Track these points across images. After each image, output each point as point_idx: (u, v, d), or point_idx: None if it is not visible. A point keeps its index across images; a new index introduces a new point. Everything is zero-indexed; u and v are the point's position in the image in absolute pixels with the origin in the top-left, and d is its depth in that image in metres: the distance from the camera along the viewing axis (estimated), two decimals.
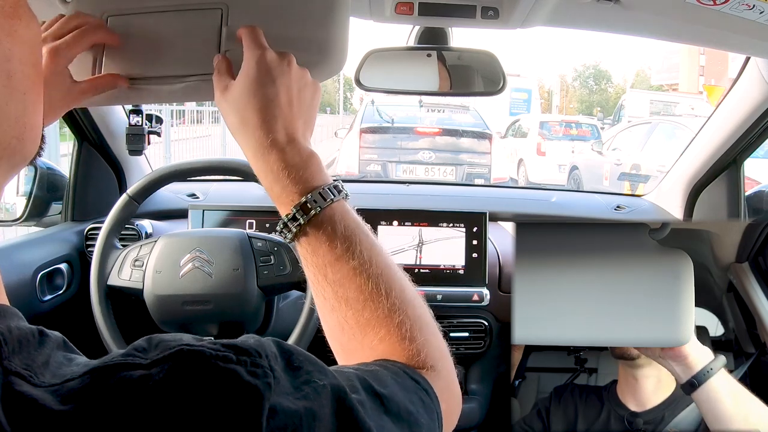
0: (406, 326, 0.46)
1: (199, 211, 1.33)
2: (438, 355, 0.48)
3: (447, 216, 1.33)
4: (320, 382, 0.34)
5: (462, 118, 6.76)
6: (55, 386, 0.29)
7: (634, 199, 1.74)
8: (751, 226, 1.03)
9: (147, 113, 1.34)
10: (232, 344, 0.32)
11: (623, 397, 1.04)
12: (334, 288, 0.47)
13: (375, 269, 0.48)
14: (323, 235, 0.48)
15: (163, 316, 1.04)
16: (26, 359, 0.29)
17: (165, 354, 0.30)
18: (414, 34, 1.10)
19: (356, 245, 0.48)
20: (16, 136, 0.35)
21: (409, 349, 0.46)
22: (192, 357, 0.30)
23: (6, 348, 0.29)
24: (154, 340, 0.32)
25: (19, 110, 0.35)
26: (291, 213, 0.48)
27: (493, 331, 1.34)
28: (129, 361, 0.30)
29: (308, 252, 0.49)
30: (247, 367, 0.31)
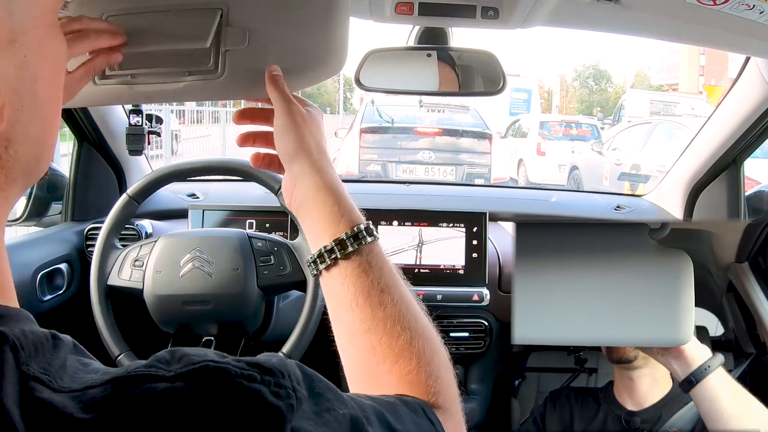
0: (435, 363, 0.48)
1: (199, 211, 1.33)
2: (453, 398, 0.49)
3: (447, 216, 1.33)
4: (340, 411, 0.35)
5: (462, 118, 6.76)
6: (76, 392, 0.28)
7: (634, 199, 1.74)
8: (751, 226, 1.03)
9: (147, 113, 1.34)
10: (256, 363, 0.32)
11: (620, 397, 1.05)
12: (375, 311, 0.49)
13: (413, 302, 0.51)
14: (374, 260, 0.51)
15: (163, 316, 1.04)
16: (43, 363, 0.29)
17: (189, 369, 0.30)
18: (414, 34, 1.10)
19: (398, 277, 0.52)
20: (35, 156, 0.35)
21: (433, 386, 0.47)
22: (217, 374, 0.30)
23: (23, 353, 0.28)
24: (177, 353, 0.32)
25: (40, 131, 0.35)
26: (347, 234, 0.51)
27: (493, 331, 1.34)
28: (152, 373, 0.30)
29: (354, 273, 0.50)
30: (270, 387, 0.31)
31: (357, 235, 0.51)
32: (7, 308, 0.31)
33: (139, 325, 1.11)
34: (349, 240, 0.51)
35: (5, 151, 0.34)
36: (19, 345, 0.28)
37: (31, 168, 0.36)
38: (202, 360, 0.31)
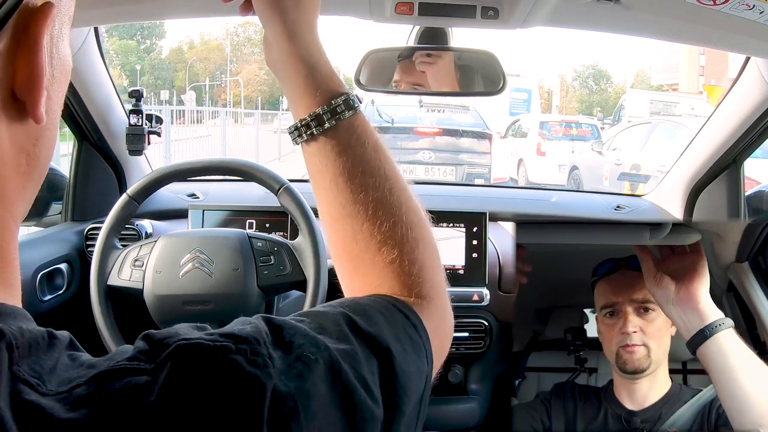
0: (420, 251, 0.46)
1: (199, 211, 1.33)
2: (438, 287, 0.47)
3: (447, 216, 1.33)
4: (312, 357, 0.34)
5: (462, 118, 6.76)
6: (63, 394, 0.28)
7: (634, 199, 1.74)
8: (751, 226, 1.03)
9: (147, 113, 1.34)
10: (230, 333, 0.32)
11: (620, 397, 1.04)
12: (354, 195, 0.45)
13: (396, 186, 0.47)
14: (355, 137, 0.46)
15: (163, 316, 1.04)
16: (34, 364, 0.29)
17: (165, 353, 0.30)
18: (414, 34, 1.10)
19: (384, 156, 0.47)
20: (49, 156, 0.36)
21: (416, 276, 0.45)
22: (191, 351, 0.30)
23: (16, 352, 0.29)
24: (153, 338, 0.32)
25: (56, 127, 0.36)
26: (331, 105, 0.46)
27: (493, 331, 1.34)
28: (134, 366, 0.30)
29: (334, 152, 0.46)
30: (247, 356, 0.31)
31: (335, 109, 0.46)
32: (6, 305, 0.31)
33: (139, 325, 1.10)
34: (326, 115, 0.46)
35: (33, 149, 0.34)
36: (14, 345, 0.29)
37: (44, 167, 0.36)
38: (175, 341, 0.30)
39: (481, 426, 1.43)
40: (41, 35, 0.31)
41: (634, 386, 1.04)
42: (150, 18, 1.11)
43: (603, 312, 1.08)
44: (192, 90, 35.89)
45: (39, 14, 0.32)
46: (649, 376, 1.02)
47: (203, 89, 45.46)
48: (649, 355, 1.03)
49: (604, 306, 1.09)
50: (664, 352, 1.03)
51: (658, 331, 1.04)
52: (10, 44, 0.31)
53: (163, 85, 48.36)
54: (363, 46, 1.20)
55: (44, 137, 0.34)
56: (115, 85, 1.41)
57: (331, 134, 0.46)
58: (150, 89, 42.61)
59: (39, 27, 0.31)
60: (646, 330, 1.04)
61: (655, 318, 1.04)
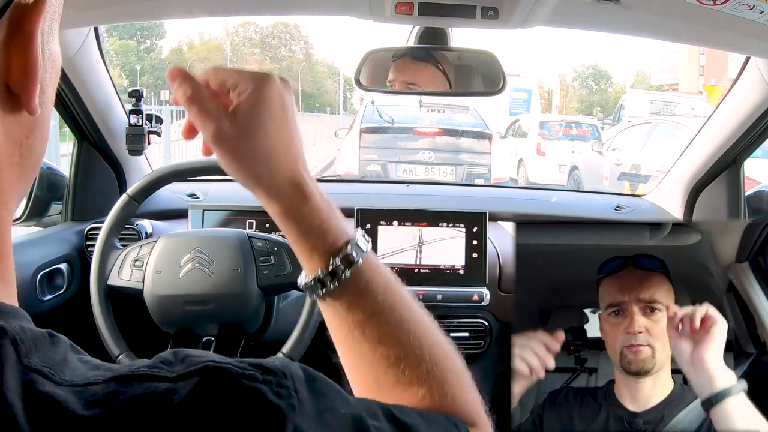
0: (448, 385, 0.44)
1: (199, 211, 1.33)
2: (476, 409, 0.46)
3: (447, 216, 1.33)
4: (341, 411, 0.34)
5: (462, 118, 6.75)
6: (78, 387, 0.28)
7: (634, 199, 1.74)
8: (751, 226, 1.03)
9: (147, 113, 1.34)
10: (258, 363, 0.32)
11: (621, 398, 1.04)
12: (372, 345, 0.44)
13: (415, 325, 0.45)
14: (362, 290, 0.45)
15: (164, 316, 1.04)
16: (43, 357, 0.29)
17: (191, 369, 0.30)
18: (414, 34, 1.10)
19: (399, 298, 0.46)
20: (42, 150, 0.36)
21: (450, 406, 0.44)
22: (218, 373, 0.30)
23: (23, 346, 0.29)
24: (180, 354, 0.32)
25: (48, 120, 0.36)
26: (329, 267, 0.44)
27: (493, 331, 1.34)
28: (155, 373, 0.30)
29: (343, 308, 0.45)
30: (272, 387, 0.31)
31: (334, 271, 0.44)
32: (5, 305, 0.31)
33: (139, 325, 1.11)
34: (327, 278, 0.44)
35: (26, 140, 0.34)
36: (18, 339, 0.29)
37: (37, 160, 0.36)
38: (203, 360, 0.31)
39: None
40: (35, 30, 0.32)
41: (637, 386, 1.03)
42: (150, 18, 1.11)
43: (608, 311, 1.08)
44: None
45: (32, 10, 0.32)
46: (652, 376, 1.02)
47: None
48: (654, 355, 1.03)
49: (609, 305, 1.09)
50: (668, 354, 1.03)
51: (663, 333, 1.04)
52: (5, 39, 0.32)
53: (163, 85, 48.33)
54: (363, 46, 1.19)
55: (37, 129, 0.35)
56: (115, 85, 1.41)
57: (336, 293, 0.45)
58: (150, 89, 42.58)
59: (33, 22, 0.32)
60: (651, 330, 1.04)
61: (661, 319, 1.04)
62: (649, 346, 1.03)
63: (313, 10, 1.16)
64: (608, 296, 1.08)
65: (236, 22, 55.07)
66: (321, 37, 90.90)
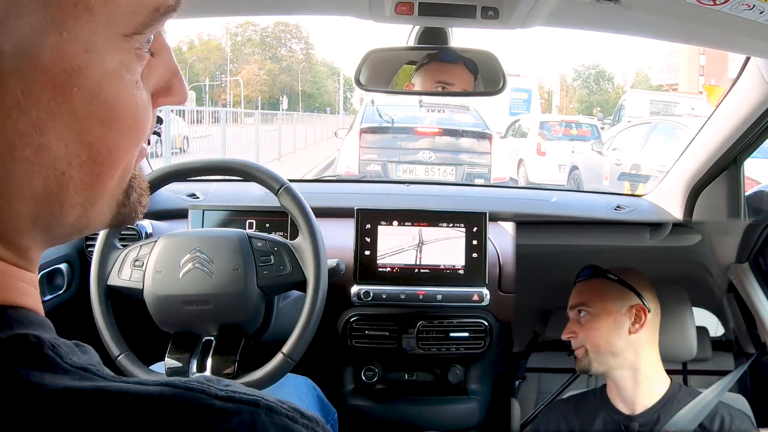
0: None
1: (199, 211, 1.33)
2: None
3: (447, 216, 1.33)
4: None
5: (462, 118, 6.76)
6: (131, 384, 0.29)
7: (634, 199, 1.74)
8: (751, 227, 1.03)
9: None
10: (297, 408, 0.33)
11: (614, 401, 1.04)
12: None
13: None
14: None
15: (163, 317, 1.04)
16: (83, 359, 0.31)
17: (240, 396, 0.31)
18: (414, 34, 1.10)
19: None
20: (46, 212, 0.32)
21: None
22: (267, 409, 0.31)
23: (61, 350, 0.30)
24: (222, 380, 0.33)
25: (50, 188, 0.32)
26: None
27: (493, 331, 1.34)
28: (207, 389, 0.30)
29: None
30: (307, 429, 0.32)
31: None
32: (38, 316, 0.32)
33: (139, 325, 1.11)
34: None
35: None
36: (56, 344, 0.30)
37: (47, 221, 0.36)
38: (252, 394, 0.32)
39: (481, 426, 1.43)
40: None
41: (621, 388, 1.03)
42: None
43: None
44: (192, 90, 35.87)
45: None
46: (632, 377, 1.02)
47: (203, 89, 45.42)
48: (587, 354, 1.04)
49: None
50: (610, 351, 1.03)
51: (596, 334, 1.04)
52: None
53: None
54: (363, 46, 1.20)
55: None
56: None
57: None
58: None
59: None
60: (580, 332, 1.05)
61: (588, 321, 1.05)
62: (583, 346, 1.04)
63: (313, 10, 1.16)
64: None
65: (236, 22, 55.06)
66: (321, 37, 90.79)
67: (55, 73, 0.29)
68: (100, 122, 0.31)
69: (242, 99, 48.03)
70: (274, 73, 55.21)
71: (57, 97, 0.29)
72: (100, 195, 0.34)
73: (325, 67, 60.57)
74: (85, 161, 0.31)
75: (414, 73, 1.15)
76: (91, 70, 0.30)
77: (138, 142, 0.34)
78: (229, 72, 51.43)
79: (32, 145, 0.29)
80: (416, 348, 1.31)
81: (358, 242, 1.30)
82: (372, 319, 1.32)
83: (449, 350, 1.32)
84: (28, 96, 0.29)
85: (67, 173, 0.31)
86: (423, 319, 1.31)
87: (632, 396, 1.01)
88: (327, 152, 13.69)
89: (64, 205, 0.32)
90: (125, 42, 0.31)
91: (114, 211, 0.36)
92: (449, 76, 1.14)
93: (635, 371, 1.00)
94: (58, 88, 0.29)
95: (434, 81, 1.15)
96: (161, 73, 0.36)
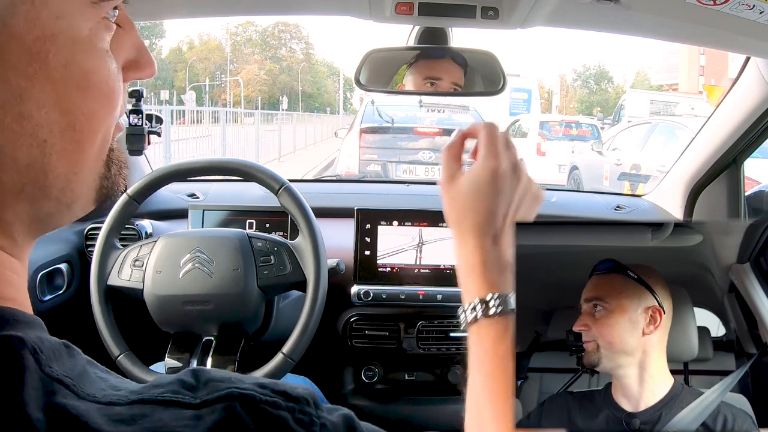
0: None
1: (199, 211, 1.33)
2: None
3: None
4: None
5: (462, 118, 6.76)
6: (101, 404, 0.29)
7: (634, 199, 1.74)
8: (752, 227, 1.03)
9: (147, 113, 1.34)
10: (282, 390, 0.32)
11: (617, 399, 1.04)
12: (485, 380, 0.51)
13: (512, 389, 0.52)
14: (500, 332, 0.53)
15: (164, 316, 1.04)
16: (64, 368, 0.30)
17: (215, 395, 0.30)
18: (414, 34, 1.10)
19: (511, 359, 0.52)
20: (30, 183, 0.32)
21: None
22: (242, 400, 0.30)
23: (42, 355, 0.29)
24: (202, 376, 0.32)
25: (33, 157, 0.31)
26: (488, 298, 0.53)
27: None
28: (179, 399, 0.30)
29: (490, 339, 0.53)
30: (294, 414, 0.31)
31: (505, 299, 0.52)
32: (25, 314, 0.31)
33: (139, 325, 1.11)
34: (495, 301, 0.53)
35: None
36: (37, 349, 0.29)
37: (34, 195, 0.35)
38: (227, 387, 0.31)
39: None
40: None
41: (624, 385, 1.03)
42: (150, 18, 1.11)
43: None
44: (192, 90, 35.88)
45: None
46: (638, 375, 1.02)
47: (203, 89, 45.43)
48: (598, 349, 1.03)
49: None
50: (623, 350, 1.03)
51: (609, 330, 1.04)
52: None
53: (163, 85, 48.35)
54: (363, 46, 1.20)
55: None
56: None
57: (487, 323, 0.53)
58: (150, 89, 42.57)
59: None
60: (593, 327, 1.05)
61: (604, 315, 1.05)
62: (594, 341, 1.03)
63: (313, 10, 1.16)
64: None
65: (236, 22, 55.09)
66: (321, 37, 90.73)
67: (29, 40, 0.30)
68: (77, 88, 0.32)
69: (242, 99, 48.03)
70: (274, 73, 55.23)
71: (34, 63, 0.30)
72: (82, 164, 0.34)
73: (325, 67, 60.58)
74: (65, 128, 0.32)
75: (405, 73, 1.15)
76: (64, 36, 0.31)
77: (113, 110, 0.35)
78: (229, 72, 51.44)
79: (13, 113, 0.30)
80: (416, 348, 1.31)
81: (358, 242, 1.30)
82: (372, 319, 1.32)
83: (449, 350, 1.32)
84: (6, 64, 0.29)
85: (49, 141, 0.31)
86: (423, 319, 1.31)
87: (636, 394, 1.01)
88: (327, 152, 13.70)
89: (47, 174, 0.32)
90: (93, 9, 0.32)
91: (97, 185, 0.36)
92: (437, 71, 1.14)
93: (642, 371, 1.00)
94: (34, 55, 0.30)
95: (423, 78, 1.15)
96: (128, 47, 0.37)
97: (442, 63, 1.14)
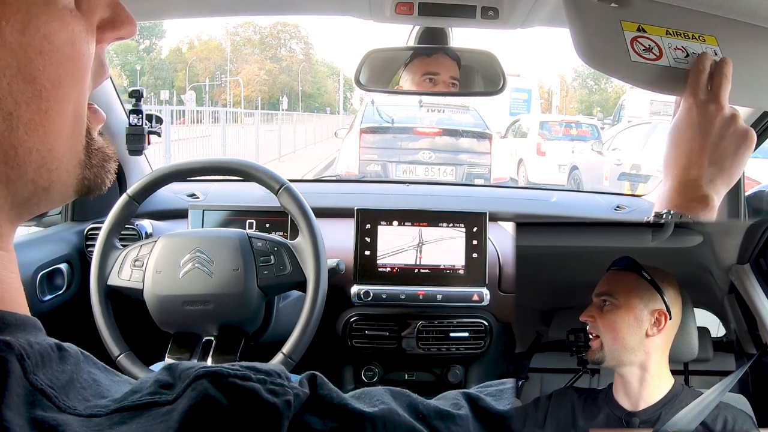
0: None
1: (199, 211, 1.33)
2: None
3: (447, 216, 1.33)
4: None
5: (462, 118, 6.75)
6: (82, 417, 0.28)
7: (634, 199, 1.74)
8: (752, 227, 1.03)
9: (147, 113, 1.34)
10: (251, 366, 0.32)
11: (618, 398, 1.04)
12: None
13: None
14: None
15: (163, 317, 1.04)
16: (50, 376, 0.29)
17: (186, 383, 0.30)
18: (414, 34, 1.10)
19: None
20: (1, 161, 0.31)
21: None
22: (210, 377, 0.30)
23: (29, 362, 0.28)
24: (176, 371, 0.32)
25: None
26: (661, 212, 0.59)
27: (493, 331, 1.34)
28: (156, 400, 0.30)
29: None
30: (266, 385, 0.31)
31: None
32: (15, 316, 0.31)
33: (139, 325, 1.11)
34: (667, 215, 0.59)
35: None
36: (24, 355, 0.28)
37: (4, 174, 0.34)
38: (195, 370, 0.31)
39: None
40: None
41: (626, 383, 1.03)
42: (150, 18, 1.11)
43: None
44: (192, 90, 35.88)
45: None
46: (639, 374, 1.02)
47: (203, 89, 45.44)
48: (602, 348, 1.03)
49: None
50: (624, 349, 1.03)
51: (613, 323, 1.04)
52: None
53: (163, 85, 48.37)
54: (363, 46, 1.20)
55: None
56: (115, 85, 1.41)
57: None
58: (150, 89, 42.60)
59: None
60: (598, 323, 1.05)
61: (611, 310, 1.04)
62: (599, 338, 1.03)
63: (313, 10, 1.16)
64: None
65: (236, 22, 55.10)
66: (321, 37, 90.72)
67: None
68: (38, 53, 0.30)
69: (242, 99, 48.04)
70: (274, 73, 55.23)
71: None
72: (54, 139, 0.32)
73: (325, 67, 60.57)
74: (31, 98, 0.30)
75: (401, 73, 1.15)
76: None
77: (81, 76, 0.33)
78: (229, 72, 51.45)
79: None
80: (416, 348, 1.31)
81: (358, 242, 1.30)
82: (372, 319, 1.32)
83: (449, 350, 1.32)
84: None
85: (15, 113, 0.30)
86: (423, 319, 1.31)
87: (637, 393, 1.01)
88: (327, 152, 13.70)
89: (18, 150, 0.31)
90: None
91: (78, 174, 0.35)
92: (434, 66, 1.15)
93: (644, 371, 1.00)
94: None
95: (421, 74, 1.15)
96: (102, 5, 0.35)
97: (438, 58, 1.14)
